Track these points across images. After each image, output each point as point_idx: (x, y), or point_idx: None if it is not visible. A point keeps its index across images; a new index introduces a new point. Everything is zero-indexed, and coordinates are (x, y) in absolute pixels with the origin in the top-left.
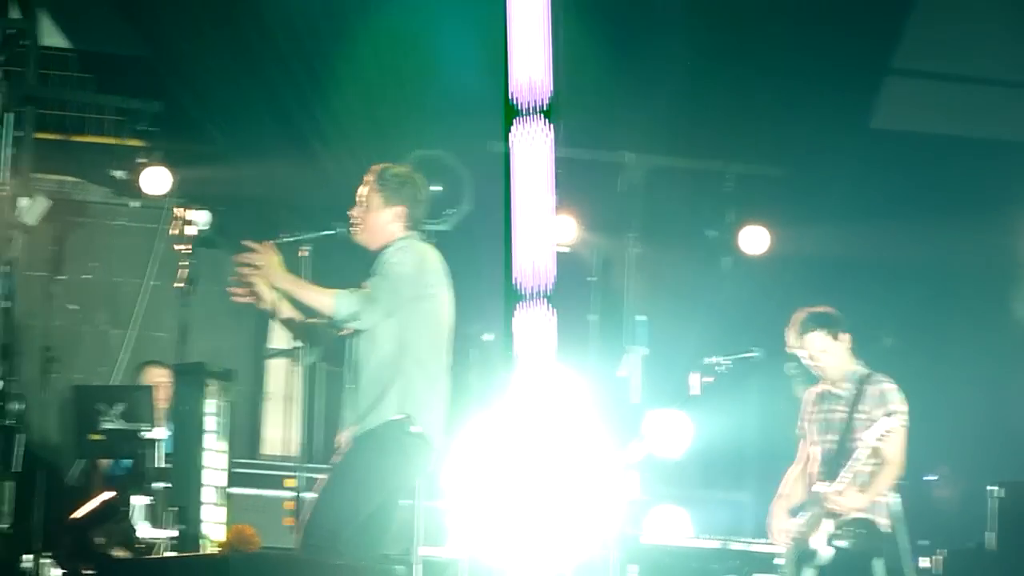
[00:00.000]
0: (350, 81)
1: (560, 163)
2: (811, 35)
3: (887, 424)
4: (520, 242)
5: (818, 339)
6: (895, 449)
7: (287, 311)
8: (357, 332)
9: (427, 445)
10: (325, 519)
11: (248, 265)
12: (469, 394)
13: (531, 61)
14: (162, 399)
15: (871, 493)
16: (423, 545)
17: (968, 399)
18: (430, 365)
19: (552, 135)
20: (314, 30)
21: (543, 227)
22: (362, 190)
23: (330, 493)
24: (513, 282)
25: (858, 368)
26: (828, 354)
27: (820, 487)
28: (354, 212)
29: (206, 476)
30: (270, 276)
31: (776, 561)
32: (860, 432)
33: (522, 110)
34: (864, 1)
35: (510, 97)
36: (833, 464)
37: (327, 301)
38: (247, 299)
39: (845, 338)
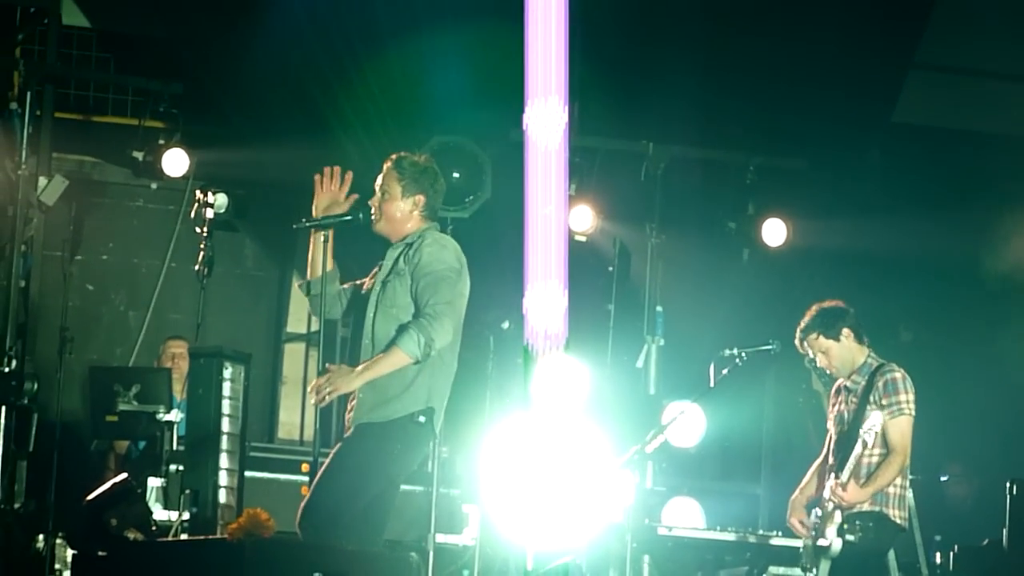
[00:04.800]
0: (371, 66)
1: (580, 152)
2: (835, 28)
3: (875, 419)
4: (533, 228)
5: (816, 343)
6: (899, 438)
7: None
8: (381, 315)
9: (430, 433)
10: (325, 501)
11: (324, 392)
12: (487, 382)
13: (549, 48)
14: (182, 369)
15: (874, 484)
16: (438, 532)
17: (986, 394)
18: (446, 355)
19: (568, 122)
20: (337, 14)
21: (557, 214)
22: (379, 179)
23: (333, 476)
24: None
25: (869, 360)
26: (831, 354)
27: (831, 479)
28: (372, 201)
29: (221, 460)
30: (345, 389)
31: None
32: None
33: (538, 96)
34: None
35: (526, 84)
36: (840, 456)
37: (399, 357)
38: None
39: (847, 333)
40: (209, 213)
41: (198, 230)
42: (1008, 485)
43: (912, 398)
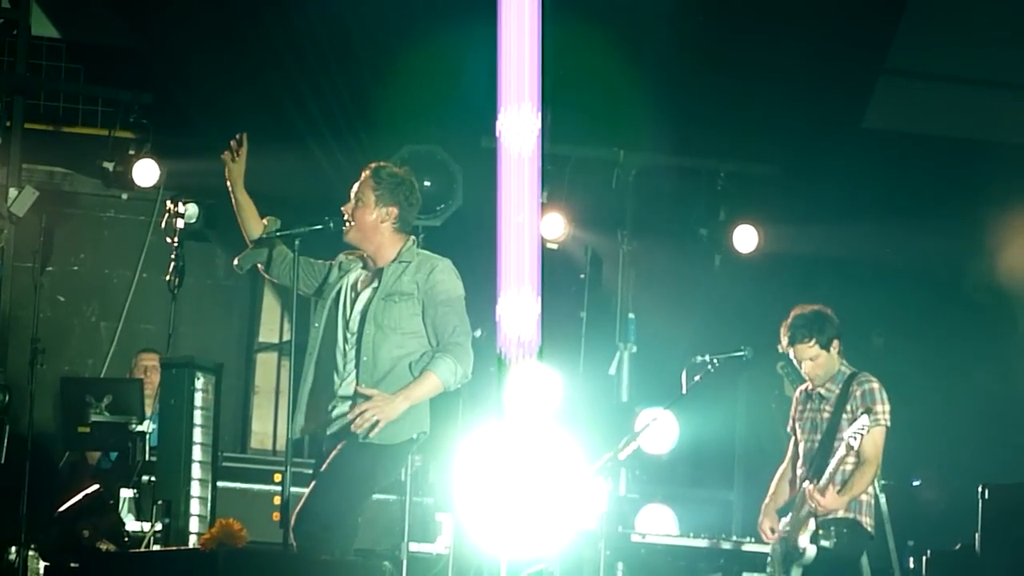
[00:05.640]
0: (342, 74)
1: (551, 159)
2: (804, 34)
3: (862, 422)
4: (505, 236)
5: (808, 349)
6: (872, 448)
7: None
8: (381, 335)
9: (411, 448)
10: (322, 509)
11: (371, 421)
12: (459, 390)
13: (521, 55)
14: (154, 383)
15: (850, 493)
16: (411, 541)
17: (957, 399)
18: None
19: (540, 128)
20: (307, 22)
21: (529, 221)
22: (355, 186)
23: (331, 487)
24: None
25: (843, 368)
26: (817, 361)
27: (805, 486)
28: (346, 208)
29: (193, 470)
30: (390, 417)
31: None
32: (844, 432)
33: (511, 102)
34: (858, 1)
35: (499, 91)
36: (816, 463)
37: (435, 384)
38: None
39: (836, 345)
40: (180, 223)
41: (169, 240)
42: (980, 489)
43: (888, 408)
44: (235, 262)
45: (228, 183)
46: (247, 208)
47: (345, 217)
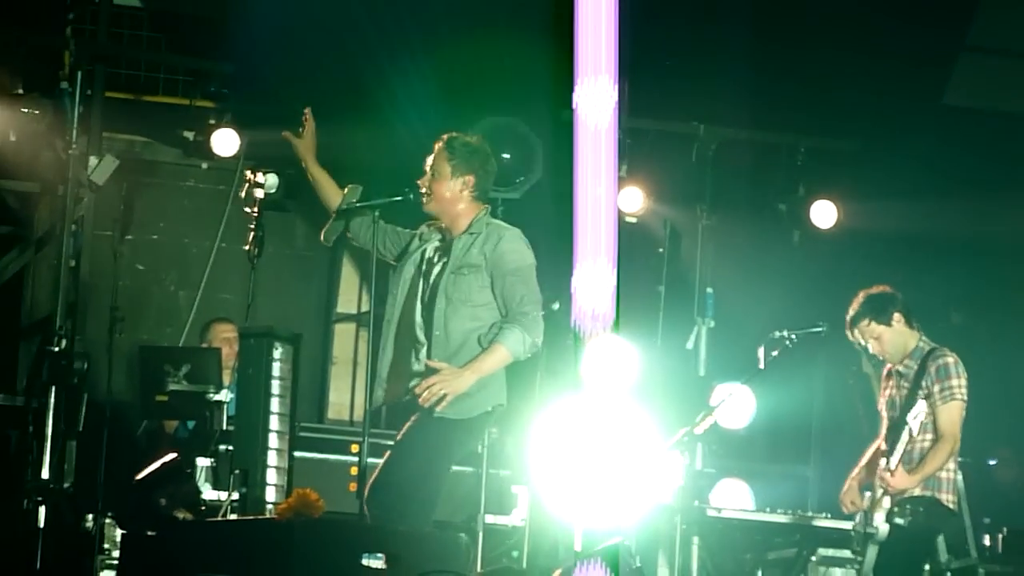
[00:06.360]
0: (422, 46)
1: (629, 133)
2: (887, 9)
3: (920, 408)
4: (583, 209)
5: (867, 329)
6: (948, 423)
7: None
8: (453, 309)
9: (489, 421)
10: (397, 482)
11: (439, 395)
12: (537, 362)
13: (599, 27)
14: (230, 355)
15: (923, 471)
16: (488, 513)
17: None
18: None
19: (618, 103)
20: None
21: (607, 194)
22: (429, 159)
23: (405, 459)
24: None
25: (920, 344)
26: (883, 340)
27: (880, 464)
28: (422, 181)
29: (271, 440)
30: (458, 390)
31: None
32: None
33: (588, 75)
34: None
35: (576, 62)
36: (891, 441)
37: (503, 356)
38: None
39: (898, 318)
40: (259, 193)
41: (248, 210)
42: None
43: (964, 383)
44: (322, 236)
45: (301, 161)
46: (323, 182)
47: (422, 190)
